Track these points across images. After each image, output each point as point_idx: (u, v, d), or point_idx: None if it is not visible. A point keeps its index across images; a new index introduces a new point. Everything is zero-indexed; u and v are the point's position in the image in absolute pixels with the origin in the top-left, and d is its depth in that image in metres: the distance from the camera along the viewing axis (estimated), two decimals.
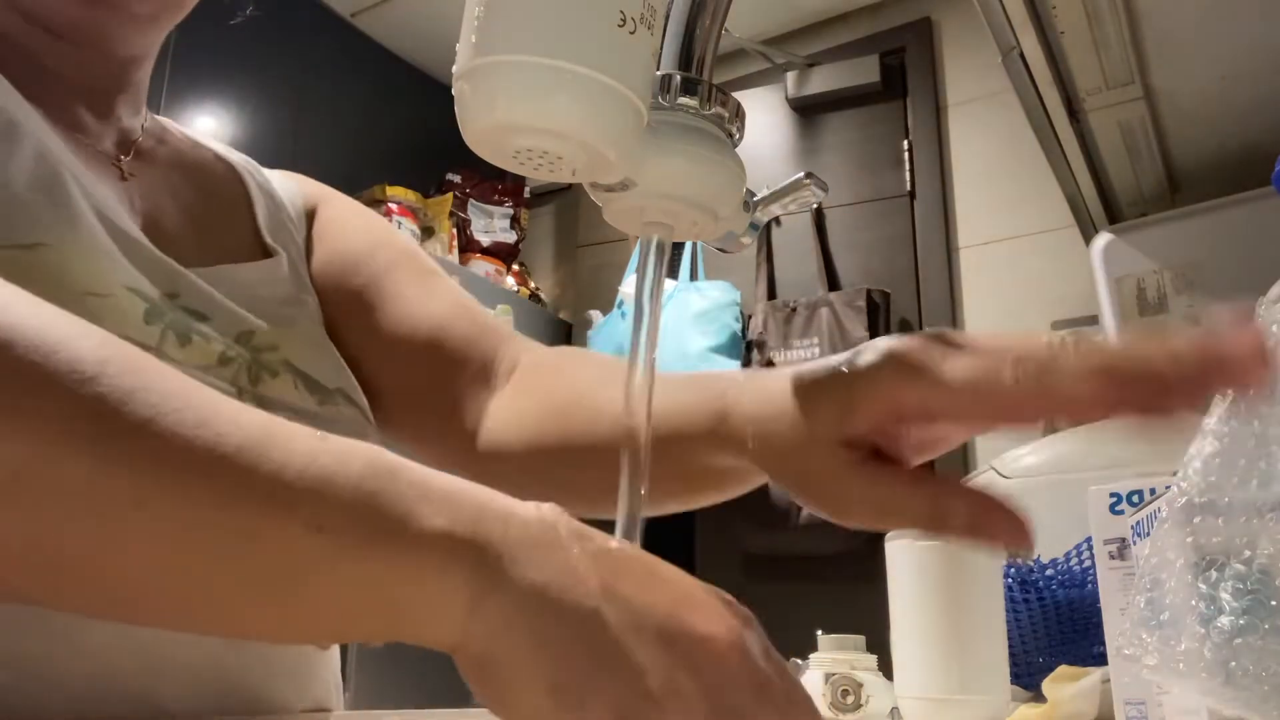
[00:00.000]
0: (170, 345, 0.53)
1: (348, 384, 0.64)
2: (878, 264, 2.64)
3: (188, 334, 0.54)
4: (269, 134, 2.66)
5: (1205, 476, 0.38)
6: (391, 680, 2.21)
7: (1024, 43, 1.16)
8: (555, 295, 3.27)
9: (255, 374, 0.57)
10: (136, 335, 0.51)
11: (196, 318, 0.56)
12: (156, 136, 0.66)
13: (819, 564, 2.43)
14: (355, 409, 0.64)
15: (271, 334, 0.60)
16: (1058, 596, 0.85)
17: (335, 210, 0.74)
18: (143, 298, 0.52)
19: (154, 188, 0.62)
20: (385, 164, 2.91)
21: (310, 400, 0.60)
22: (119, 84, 0.62)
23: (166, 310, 0.54)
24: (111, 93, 0.62)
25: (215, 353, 0.55)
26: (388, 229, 0.75)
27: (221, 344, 0.56)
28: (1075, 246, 1.87)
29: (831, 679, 0.70)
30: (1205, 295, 1.31)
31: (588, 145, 0.36)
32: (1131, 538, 0.54)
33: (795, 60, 2.85)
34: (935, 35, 2.75)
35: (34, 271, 0.47)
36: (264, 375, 0.58)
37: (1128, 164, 1.47)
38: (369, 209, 0.77)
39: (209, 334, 0.56)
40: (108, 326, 0.49)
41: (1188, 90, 1.29)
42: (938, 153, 2.65)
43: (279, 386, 0.58)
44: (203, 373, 0.54)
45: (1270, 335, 0.35)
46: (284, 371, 0.59)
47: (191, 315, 0.56)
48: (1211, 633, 0.35)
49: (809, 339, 2.56)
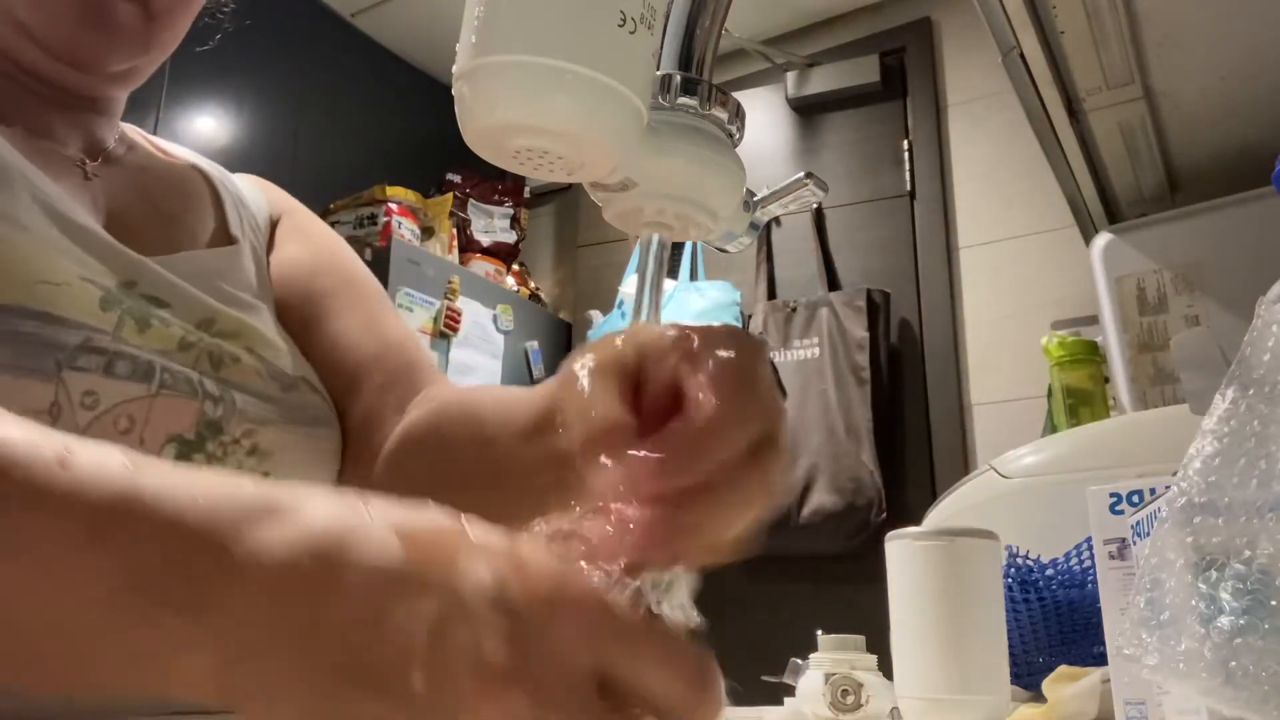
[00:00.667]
0: (129, 330, 0.53)
1: (309, 374, 0.64)
2: (878, 264, 2.64)
3: (146, 319, 0.55)
4: (269, 134, 2.66)
5: (1205, 476, 0.38)
6: None
7: (1024, 43, 1.16)
8: (555, 295, 3.27)
9: (217, 360, 0.58)
10: (93, 321, 0.51)
11: (156, 304, 0.56)
12: (127, 144, 0.68)
13: (819, 564, 2.43)
14: (319, 397, 0.64)
15: (234, 320, 0.61)
16: (1058, 596, 0.85)
17: (295, 221, 0.75)
18: (98, 286, 0.53)
19: (119, 185, 0.63)
20: (385, 164, 2.91)
21: (273, 385, 0.61)
22: (97, 100, 0.64)
23: (123, 298, 0.54)
24: (86, 107, 0.64)
25: (175, 338, 0.56)
26: (341, 250, 0.75)
27: (181, 329, 0.57)
28: (1075, 246, 1.87)
29: (831, 679, 0.71)
30: (1205, 295, 1.31)
31: (588, 145, 0.36)
32: (1131, 538, 0.54)
33: (795, 60, 2.85)
34: (935, 35, 2.75)
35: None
36: (226, 360, 0.58)
37: (1128, 164, 1.47)
38: (330, 229, 0.78)
39: (169, 319, 0.56)
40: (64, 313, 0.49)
41: (1188, 90, 1.29)
42: (938, 153, 2.65)
43: (240, 372, 0.59)
44: (163, 357, 0.54)
45: (1270, 335, 0.35)
46: (246, 358, 0.60)
47: (150, 302, 0.56)
48: (1211, 633, 0.35)
49: (809, 339, 2.56)
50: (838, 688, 0.70)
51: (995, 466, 1.15)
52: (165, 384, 0.54)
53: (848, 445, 2.41)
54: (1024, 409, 2.29)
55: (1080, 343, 1.36)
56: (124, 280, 0.55)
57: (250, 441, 0.58)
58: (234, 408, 0.57)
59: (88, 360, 0.50)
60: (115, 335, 0.52)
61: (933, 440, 2.48)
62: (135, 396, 0.52)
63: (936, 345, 2.54)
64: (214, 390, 0.56)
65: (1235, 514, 0.36)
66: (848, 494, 2.38)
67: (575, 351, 0.38)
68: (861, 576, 2.02)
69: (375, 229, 2.65)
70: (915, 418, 2.51)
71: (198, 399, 0.55)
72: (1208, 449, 0.38)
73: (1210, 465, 0.38)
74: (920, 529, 0.74)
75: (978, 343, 2.49)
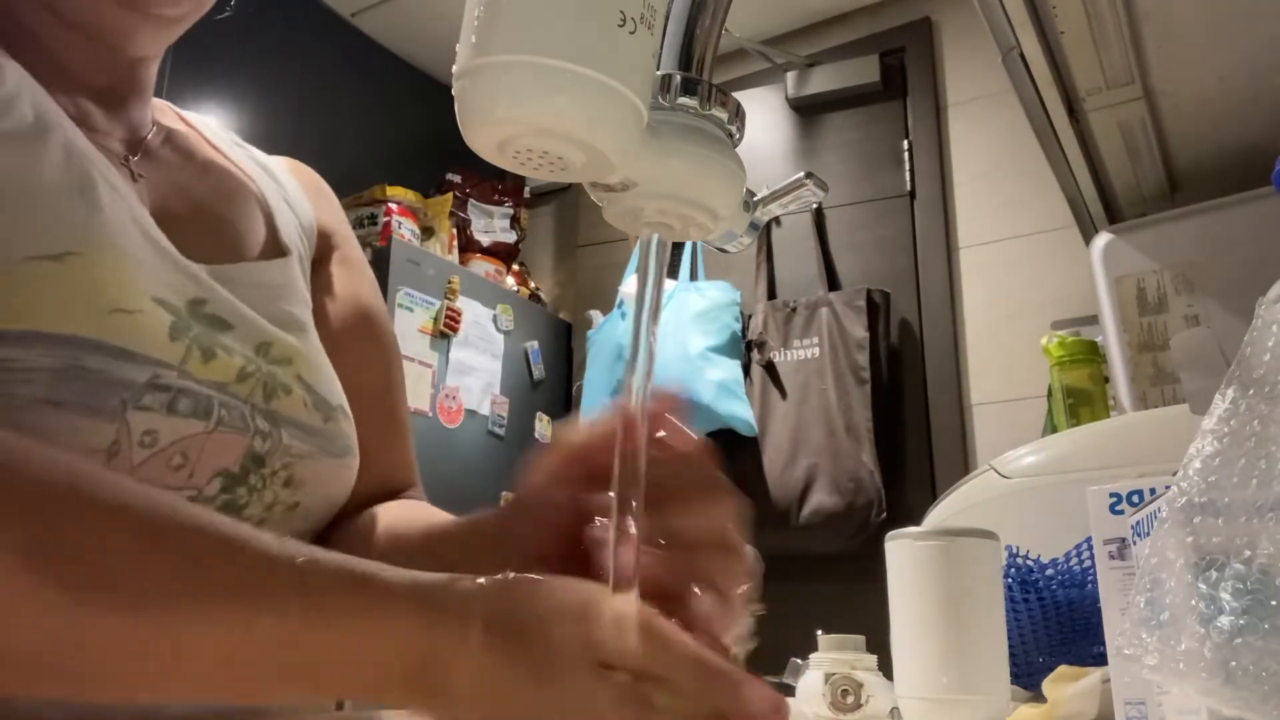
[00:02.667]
0: (194, 363, 0.53)
1: (344, 400, 0.64)
2: (878, 264, 2.64)
3: (212, 349, 0.54)
4: (269, 134, 2.66)
5: (1205, 476, 0.38)
6: None
7: (1024, 43, 1.16)
8: (555, 295, 3.26)
9: (270, 390, 0.57)
10: (160, 354, 0.51)
11: (221, 328, 0.56)
12: (163, 133, 0.66)
13: (819, 564, 2.43)
14: (350, 424, 0.64)
15: (288, 346, 0.60)
16: (1058, 596, 0.85)
17: (347, 252, 0.74)
18: (169, 310, 0.52)
19: (164, 186, 0.61)
20: (385, 164, 2.91)
21: (316, 417, 0.60)
22: (131, 82, 0.62)
23: (192, 324, 0.53)
24: (123, 90, 0.62)
25: (235, 368, 0.55)
26: (376, 296, 0.75)
27: (242, 358, 0.56)
28: (1075, 246, 1.87)
29: (831, 679, 0.71)
30: (1205, 295, 1.31)
31: (588, 145, 0.36)
32: (1131, 538, 0.54)
33: (795, 60, 2.85)
34: (935, 35, 2.75)
35: (63, 286, 0.47)
36: (278, 392, 0.58)
37: (1128, 164, 1.47)
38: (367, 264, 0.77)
39: (231, 347, 0.56)
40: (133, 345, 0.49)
41: (1188, 90, 1.29)
42: (938, 153, 2.65)
43: (290, 404, 0.58)
44: (221, 392, 0.54)
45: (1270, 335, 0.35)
46: (296, 388, 0.59)
47: (216, 326, 0.55)
48: (1211, 633, 0.35)
49: (809, 339, 2.56)
50: (838, 688, 0.70)
51: (995, 466, 1.15)
52: (222, 420, 0.53)
53: (848, 445, 2.41)
54: (1024, 409, 2.29)
55: (1080, 343, 1.36)
56: (193, 299, 0.54)
57: (287, 473, 0.57)
58: (279, 442, 0.57)
59: (152, 399, 0.50)
60: (181, 370, 0.52)
61: (933, 440, 2.48)
62: (192, 434, 0.52)
63: (936, 345, 2.54)
64: (264, 426, 0.56)
65: (1235, 514, 0.36)
66: (848, 494, 2.37)
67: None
68: (861, 576, 2.02)
69: (375, 229, 2.65)
70: (915, 418, 2.51)
71: (248, 434, 0.55)
72: (1208, 449, 0.38)
73: (1210, 465, 0.38)
74: (920, 529, 0.74)
75: (978, 343, 2.49)
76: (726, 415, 2.51)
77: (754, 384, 2.58)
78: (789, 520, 2.42)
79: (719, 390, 2.53)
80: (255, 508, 0.56)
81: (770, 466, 2.48)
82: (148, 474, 0.49)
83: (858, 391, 2.45)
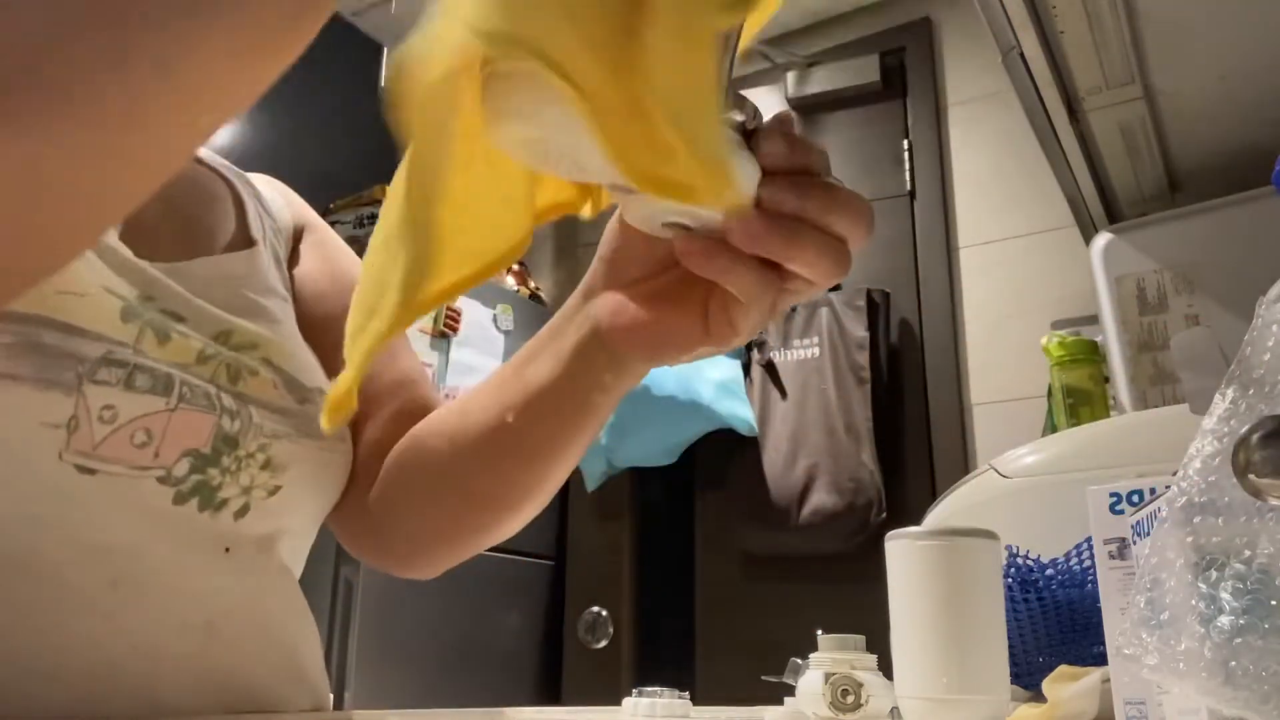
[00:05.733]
0: (148, 343, 0.53)
1: (326, 385, 0.64)
2: (878, 263, 2.64)
3: (166, 332, 0.55)
4: (268, 134, 2.66)
5: (1205, 476, 0.38)
6: (392, 680, 2.21)
7: (1024, 43, 1.16)
8: (555, 295, 3.26)
9: (234, 372, 0.58)
10: (114, 333, 0.51)
11: (174, 319, 0.56)
12: None
13: (819, 564, 2.43)
14: None
15: (250, 333, 0.60)
16: (1058, 596, 0.85)
17: (318, 237, 0.75)
18: (119, 297, 0.53)
19: None
20: (384, 164, 2.90)
21: (289, 398, 0.60)
22: None
23: (144, 310, 0.54)
24: None
25: (194, 350, 0.56)
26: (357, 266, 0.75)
27: (200, 342, 0.57)
28: (1075, 246, 1.87)
29: (831, 679, 0.70)
30: (1205, 295, 1.31)
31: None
32: (1131, 537, 0.54)
33: (795, 60, 2.85)
34: (935, 35, 2.75)
35: None
36: (243, 373, 0.58)
37: (1128, 164, 1.47)
38: (349, 249, 0.78)
39: (187, 332, 0.56)
40: (85, 322, 0.49)
41: (1188, 90, 1.29)
42: (938, 153, 2.65)
43: (258, 385, 0.59)
44: (182, 371, 0.54)
45: (1270, 335, 0.35)
46: (263, 370, 0.60)
47: (168, 316, 0.56)
48: (1211, 632, 0.35)
49: (809, 338, 2.56)
50: (838, 687, 0.70)
51: (995, 466, 1.15)
52: (184, 397, 0.54)
53: (848, 445, 2.41)
54: (1024, 409, 2.30)
55: (1080, 342, 1.36)
56: (142, 293, 0.55)
57: (264, 455, 0.58)
58: (250, 421, 0.57)
59: (108, 373, 0.50)
60: (136, 348, 0.52)
61: (933, 440, 2.48)
62: (154, 410, 0.52)
63: (936, 345, 2.54)
64: (231, 405, 0.56)
65: (1235, 514, 0.36)
66: (848, 494, 2.38)
67: None
68: (861, 576, 2.03)
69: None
70: (915, 417, 2.51)
71: (215, 413, 0.55)
72: (1208, 449, 0.38)
73: (1210, 465, 0.38)
74: (920, 529, 0.74)
75: (978, 343, 2.49)
76: (726, 415, 2.51)
77: (754, 384, 2.58)
78: (789, 520, 2.42)
79: (719, 390, 2.53)
80: (231, 489, 0.56)
81: (770, 466, 2.48)
82: (110, 451, 0.50)
83: (857, 391, 2.45)
